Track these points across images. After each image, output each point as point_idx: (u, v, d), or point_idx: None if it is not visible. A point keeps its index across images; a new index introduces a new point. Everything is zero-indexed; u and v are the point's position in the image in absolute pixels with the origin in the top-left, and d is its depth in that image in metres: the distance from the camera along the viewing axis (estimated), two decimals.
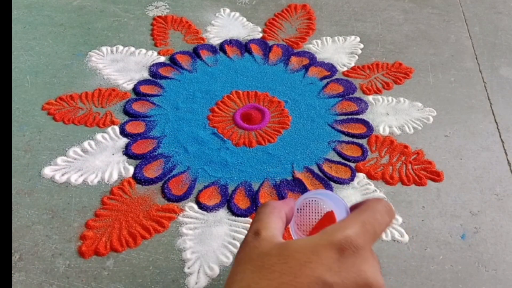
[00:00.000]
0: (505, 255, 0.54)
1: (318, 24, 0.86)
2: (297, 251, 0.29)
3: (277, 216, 0.33)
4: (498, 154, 0.65)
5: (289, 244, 0.30)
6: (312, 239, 0.29)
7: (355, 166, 0.63)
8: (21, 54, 0.78)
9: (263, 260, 0.29)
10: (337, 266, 0.28)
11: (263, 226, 0.32)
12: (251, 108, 0.70)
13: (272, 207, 0.34)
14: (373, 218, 0.31)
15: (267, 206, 0.34)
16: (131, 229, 0.55)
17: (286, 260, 0.28)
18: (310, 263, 0.28)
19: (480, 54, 0.81)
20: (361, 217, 0.31)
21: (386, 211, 0.32)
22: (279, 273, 0.28)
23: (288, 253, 0.29)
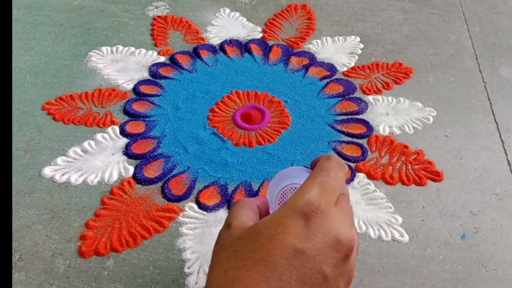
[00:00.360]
0: (505, 255, 0.54)
1: (318, 24, 0.86)
2: (264, 227, 0.30)
3: (248, 208, 0.34)
4: (498, 154, 0.65)
5: (256, 224, 0.31)
6: (276, 213, 0.30)
7: (355, 166, 0.63)
8: (21, 54, 0.78)
9: (235, 245, 0.30)
10: (304, 231, 0.29)
11: (234, 218, 0.33)
12: (251, 108, 0.70)
13: (243, 202, 0.35)
14: (328, 176, 0.32)
15: (238, 202, 0.35)
16: (131, 229, 0.55)
17: (256, 239, 0.29)
18: (278, 235, 0.29)
19: (480, 54, 0.81)
20: (316, 179, 0.31)
21: (339, 167, 0.33)
22: (252, 252, 0.29)
23: (256, 232, 0.30)
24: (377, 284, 0.51)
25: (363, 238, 0.55)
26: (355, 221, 0.56)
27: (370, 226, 0.56)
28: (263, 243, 0.29)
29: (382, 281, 0.51)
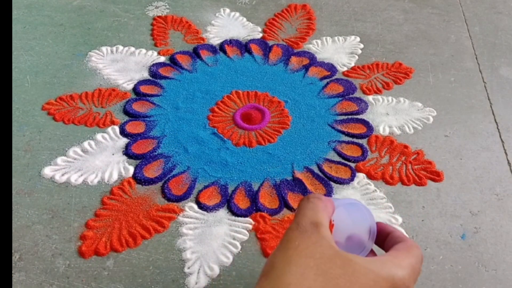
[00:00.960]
0: (505, 255, 0.54)
1: (318, 24, 0.86)
2: (361, 274, 0.30)
3: (327, 214, 0.34)
4: (498, 154, 0.65)
5: (352, 260, 0.31)
6: (374, 265, 0.31)
7: (355, 166, 0.63)
8: (21, 54, 0.78)
9: (326, 265, 0.30)
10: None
11: (320, 221, 0.32)
12: (251, 108, 0.70)
13: (324, 204, 0.35)
14: (418, 266, 0.34)
15: (320, 200, 0.35)
16: (131, 229, 0.55)
17: (351, 279, 0.29)
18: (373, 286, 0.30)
19: (480, 54, 0.81)
20: (411, 260, 0.34)
21: (422, 261, 0.36)
22: (343, 284, 0.29)
23: (352, 271, 0.30)
24: None
25: None
26: None
27: None
28: (355, 282, 0.29)
29: None
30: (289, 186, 0.60)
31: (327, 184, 0.60)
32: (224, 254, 0.53)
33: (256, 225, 0.56)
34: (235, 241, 0.54)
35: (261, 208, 0.57)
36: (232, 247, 0.54)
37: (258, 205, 0.57)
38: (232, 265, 0.52)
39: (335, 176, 0.61)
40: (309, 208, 0.33)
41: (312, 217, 0.32)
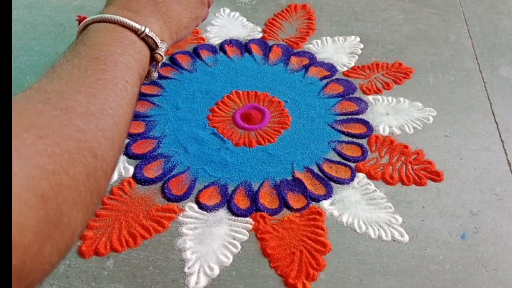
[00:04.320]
0: (505, 255, 0.54)
1: (318, 24, 0.86)
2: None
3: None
4: (498, 154, 0.65)
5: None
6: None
7: (355, 166, 0.63)
8: (21, 54, 0.78)
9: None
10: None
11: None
12: (251, 108, 0.70)
13: None
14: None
15: None
16: (131, 229, 0.55)
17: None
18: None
19: (480, 54, 0.81)
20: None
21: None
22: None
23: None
24: (377, 284, 0.51)
25: (363, 238, 0.55)
26: (355, 221, 0.57)
27: (370, 226, 0.56)
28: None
29: (382, 281, 0.51)
30: (289, 186, 0.60)
31: (327, 184, 0.60)
32: (224, 254, 0.53)
33: (256, 225, 0.56)
34: (235, 241, 0.54)
35: (261, 208, 0.57)
36: (232, 247, 0.54)
37: (258, 205, 0.57)
38: (232, 265, 0.52)
39: (335, 176, 0.61)
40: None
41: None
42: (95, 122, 0.26)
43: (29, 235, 0.21)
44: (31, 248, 0.21)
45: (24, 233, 0.21)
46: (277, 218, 0.56)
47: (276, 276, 0.52)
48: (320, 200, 0.58)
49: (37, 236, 0.21)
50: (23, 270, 0.21)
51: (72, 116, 0.25)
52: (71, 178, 0.23)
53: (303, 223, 0.56)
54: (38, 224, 0.21)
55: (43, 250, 0.21)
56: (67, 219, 0.23)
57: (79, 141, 0.25)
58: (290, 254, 0.53)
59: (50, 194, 0.22)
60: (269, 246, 0.54)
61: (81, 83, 0.28)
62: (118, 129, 0.28)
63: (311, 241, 0.54)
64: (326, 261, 0.53)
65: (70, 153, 0.23)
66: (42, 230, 0.21)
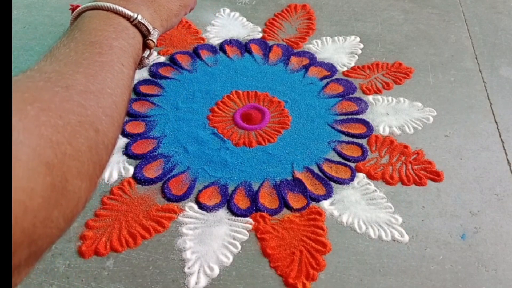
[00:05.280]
0: (505, 255, 0.54)
1: (318, 24, 0.86)
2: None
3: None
4: (498, 154, 0.65)
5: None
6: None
7: (355, 166, 0.63)
8: (21, 54, 0.78)
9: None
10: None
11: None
12: (251, 108, 0.70)
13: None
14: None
15: None
16: (131, 229, 0.55)
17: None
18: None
19: (480, 54, 0.81)
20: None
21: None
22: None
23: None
24: (377, 284, 0.51)
25: (363, 238, 0.55)
26: (355, 221, 0.57)
27: (370, 226, 0.56)
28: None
29: (382, 281, 0.51)
30: (289, 186, 0.60)
31: (327, 184, 0.60)
32: (224, 254, 0.53)
33: (256, 225, 0.56)
34: (235, 241, 0.54)
35: (261, 208, 0.57)
36: (232, 247, 0.54)
37: (258, 205, 0.57)
38: (232, 265, 0.52)
39: (335, 176, 0.61)
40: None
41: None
42: (95, 99, 0.27)
43: (38, 199, 0.22)
44: (40, 212, 0.22)
45: (33, 197, 0.22)
46: (277, 218, 0.56)
47: (276, 276, 0.52)
48: (320, 200, 0.58)
49: (45, 201, 0.22)
50: (34, 233, 0.22)
51: (73, 93, 0.26)
52: (74, 148, 0.24)
53: (303, 223, 0.56)
54: (46, 189, 0.22)
55: (51, 215, 0.23)
56: (72, 187, 0.24)
57: (81, 115, 0.26)
58: (290, 254, 0.53)
59: (55, 162, 0.23)
60: (269, 246, 0.54)
61: (79, 64, 0.29)
62: (117, 107, 0.29)
63: (311, 241, 0.54)
64: (326, 261, 0.53)
65: (72, 126, 0.25)
66: (50, 196, 0.22)
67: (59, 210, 0.23)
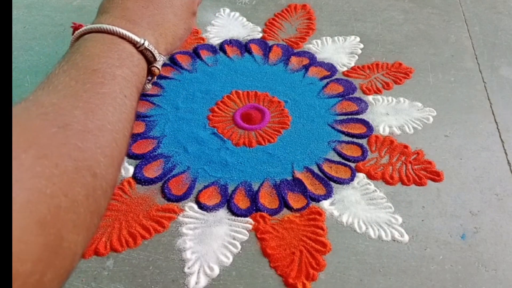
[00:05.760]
0: (505, 255, 0.54)
1: (318, 24, 0.86)
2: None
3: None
4: (498, 154, 0.65)
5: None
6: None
7: (355, 166, 0.63)
8: (21, 54, 0.78)
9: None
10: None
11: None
12: (251, 108, 0.70)
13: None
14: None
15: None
16: (131, 229, 0.55)
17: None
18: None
19: (480, 54, 0.81)
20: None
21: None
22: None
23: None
24: (377, 284, 0.51)
25: (363, 238, 0.55)
26: (355, 221, 0.57)
27: (370, 226, 0.56)
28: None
29: (382, 281, 0.51)
30: (289, 186, 0.60)
31: (327, 184, 0.60)
32: (224, 254, 0.53)
33: (256, 225, 0.56)
34: (235, 241, 0.54)
35: (261, 208, 0.57)
36: (232, 247, 0.54)
37: (258, 205, 0.57)
38: (232, 265, 0.52)
39: (335, 176, 0.61)
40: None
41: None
42: (94, 139, 0.25)
43: (28, 264, 0.20)
44: (32, 276, 0.20)
45: (24, 261, 0.20)
46: (277, 218, 0.56)
47: (276, 276, 0.52)
48: (320, 200, 0.58)
49: (37, 264, 0.20)
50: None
51: (70, 135, 0.24)
52: (70, 200, 0.22)
53: (303, 223, 0.56)
54: (38, 251, 0.20)
55: (43, 278, 0.21)
56: (67, 243, 0.22)
57: (78, 160, 0.24)
58: (290, 254, 0.53)
59: (48, 219, 0.21)
60: (269, 246, 0.54)
61: (79, 97, 0.27)
62: (117, 145, 0.27)
63: (311, 241, 0.54)
64: (326, 261, 0.53)
65: (68, 174, 0.23)
66: (42, 257, 0.20)
67: (52, 271, 0.21)
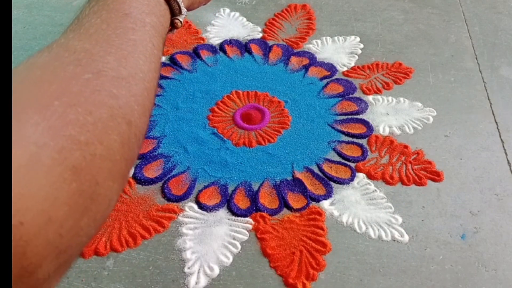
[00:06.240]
0: (505, 255, 0.54)
1: (318, 24, 0.86)
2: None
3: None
4: (498, 154, 0.65)
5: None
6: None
7: (355, 166, 0.63)
8: (21, 54, 0.78)
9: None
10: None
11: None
12: (251, 108, 0.70)
13: None
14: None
15: None
16: (131, 229, 0.55)
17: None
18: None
19: (480, 54, 0.81)
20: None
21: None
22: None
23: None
24: (377, 284, 0.51)
25: (363, 238, 0.55)
26: (355, 221, 0.57)
27: (370, 226, 0.56)
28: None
29: (382, 281, 0.51)
30: (289, 186, 0.60)
31: (327, 184, 0.60)
32: (224, 254, 0.53)
33: (256, 225, 0.56)
34: (235, 241, 0.54)
35: (261, 208, 0.57)
36: (232, 247, 0.54)
37: (258, 205, 0.57)
38: (232, 265, 0.52)
39: (335, 176, 0.61)
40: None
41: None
42: (127, 87, 0.25)
43: (63, 208, 0.20)
44: (67, 221, 0.20)
45: (58, 206, 0.20)
46: (277, 218, 0.56)
47: (276, 276, 0.52)
48: (320, 200, 0.58)
49: (72, 209, 0.20)
50: (61, 244, 0.20)
51: (104, 81, 0.24)
52: (105, 147, 0.22)
53: (303, 223, 0.56)
54: (72, 196, 0.20)
55: (79, 223, 0.21)
56: (103, 190, 0.22)
57: (113, 107, 0.23)
58: (290, 254, 0.53)
59: (83, 166, 0.21)
60: (269, 246, 0.54)
61: (111, 42, 0.26)
62: (148, 95, 0.27)
63: (311, 241, 0.54)
64: (326, 261, 0.53)
65: (103, 121, 0.22)
66: (77, 203, 0.20)
67: (89, 216, 0.21)
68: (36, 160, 0.19)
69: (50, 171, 0.19)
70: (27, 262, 0.18)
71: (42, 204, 0.19)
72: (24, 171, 0.18)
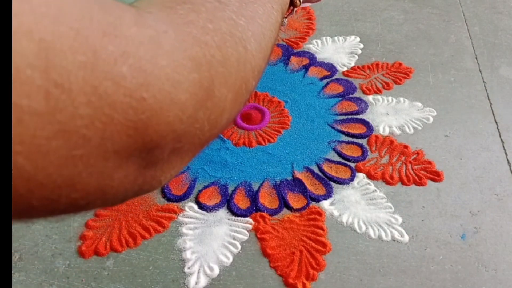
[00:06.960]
0: (505, 255, 0.54)
1: (318, 24, 0.86)
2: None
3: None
4: (498, 154, 0.65)
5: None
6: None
7: (355, 166, 0.63)
8: None
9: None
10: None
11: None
12: (251, 108, 0.70)
13: None
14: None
15: None
16: (131, 229, 0.55)
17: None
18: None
19: (480, 54, 0.81)
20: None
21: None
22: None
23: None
24: (377, 284, 0.51)
25: (363, 238, 0.55)
26: (355, 221, 0.57)
27: (370, 226, 0.56)
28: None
29: (382, 281, 0.51)
30: (289, 186, 0.60)
31: (327, 184, 0.60)
32: (224, 254, 0.53)
33: (256, 225, 0.56)
34: (235, 241, 0.54)
35: (261, 208, 0.57)
36: (232, 247, 0.54)
37: (258, 205, 0.57)
38: (232, 265, 0.52)
39: (335, 176, 0.61)
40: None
41: None
42: (246, 22, 0.25)
43: (184, 93, 0.20)
44: (187, 108, 0.20)
45: (179, 90, 0.20)
46: (277, 218, 0.56)
47: (276, 276, 0.51)
48: (320, 200, 0.58)
49: (192, 98, 0.20)
50: (179, 129, 0.20)
51: (226, 8, 0.24)
52: (223, 55, 0.22)
53: (303, 223, 0.56)
54: (193, 86, 0.20)
55: (197, 114, 0.21)
56: (219, 93, 0.22)
57: (231, 26, 0.24)
58: (290, 254, 0.53)
59: (203, 62, 0.21)
60: (269, 246, 0.54)
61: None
62: (265, 39, 0.26)
63: (311, 241, 0.54)
64: (326, 261, 0.53)
65: (222, 33, 0.23)
66: (197, 93, 0.21)
67: (205, 112, 0.21)
68: (156, 42, 0.19)
69: (171, 55, 0.20)
70: (148, 138, 0.17)
71: (164, 83, 0.19)
72: (144, 49, 0.18)
